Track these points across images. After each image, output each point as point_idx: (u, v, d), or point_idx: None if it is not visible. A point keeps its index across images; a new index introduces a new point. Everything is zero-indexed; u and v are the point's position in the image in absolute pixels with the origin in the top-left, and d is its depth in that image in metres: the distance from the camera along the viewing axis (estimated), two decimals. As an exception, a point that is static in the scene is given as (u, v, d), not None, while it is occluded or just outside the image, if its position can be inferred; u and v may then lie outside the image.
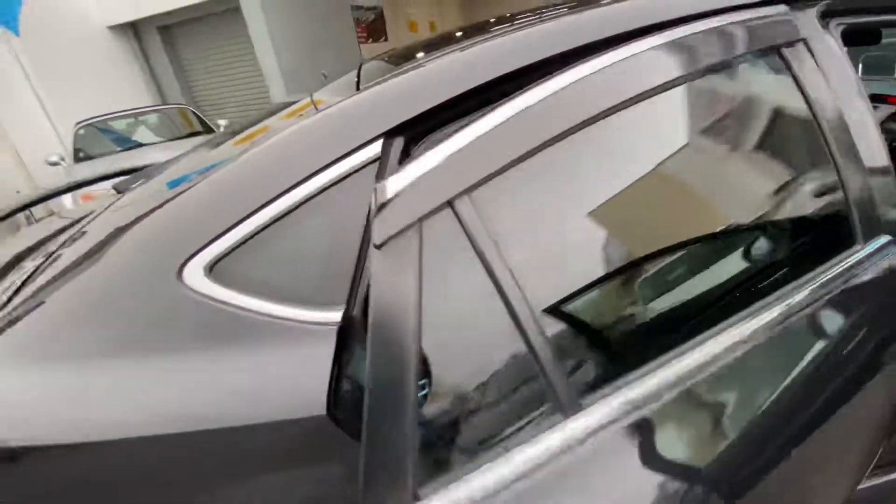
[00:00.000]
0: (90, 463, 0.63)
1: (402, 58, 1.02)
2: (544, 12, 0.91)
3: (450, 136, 0.64)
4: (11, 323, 0.68)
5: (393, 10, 9.70)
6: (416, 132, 0.69)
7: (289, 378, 0.63)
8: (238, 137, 0.95)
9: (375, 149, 0.65)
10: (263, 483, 0.64)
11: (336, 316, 0.64)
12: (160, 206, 0.70)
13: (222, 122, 5.27)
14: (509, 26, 0.81)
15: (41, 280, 0.77)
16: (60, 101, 5.98)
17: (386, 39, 9.86)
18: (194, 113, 5.45)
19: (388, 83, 0.70)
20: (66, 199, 3.37)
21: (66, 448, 0.62)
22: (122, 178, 1.41)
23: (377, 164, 0.65)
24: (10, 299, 0.80)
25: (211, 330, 0.64)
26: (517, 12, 1.15)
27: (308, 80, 6.62)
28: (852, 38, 0.99)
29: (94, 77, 6.55)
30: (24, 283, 0.84)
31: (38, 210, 4.47)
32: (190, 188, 0.69)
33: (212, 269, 0.64)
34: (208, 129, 5.17)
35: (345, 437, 0.62)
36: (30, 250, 1.05)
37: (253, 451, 0.63)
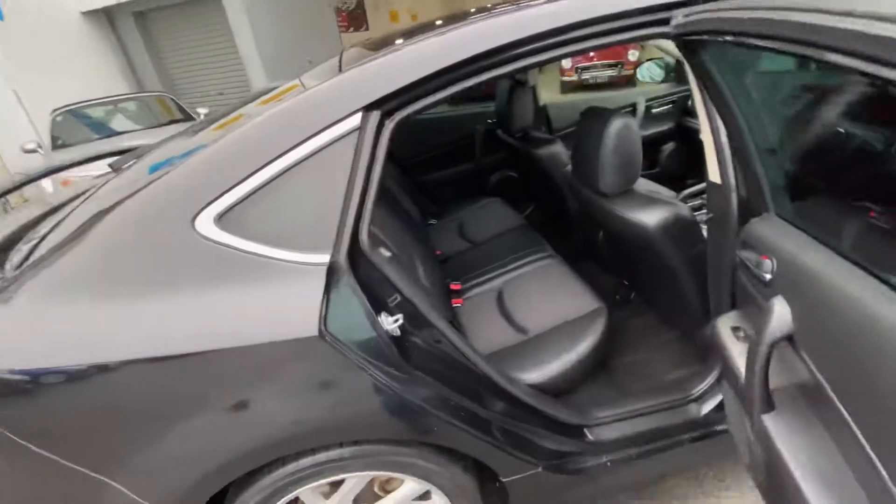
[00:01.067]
0: (119, 380, 0.76)
1: (379, 44, 1.16)
2: (499, 7, 1.06)
3: None
4: (45, 266, 0.80)
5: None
6: (390, 107, 0.83)
7: (284, 307, 0.78)
8: (231, 117, 1.08)
9: (356, 120, 0.79)
10: (261, 390, 0.79)
11: (323, 258, 0.79)
12: (172, 170, 0.82)
13: (203, 111, 5.25)
14: (470, 19, 0.95)
15: (65, 233, 0.88)
16: (34, 89, 5.86)
17: (367, 28, 9.82)
18: (174, 100, 5.42)
19: (366, 66, 0.84)
20: (48, 185, 3.40)
21: (99, 368, 0.75)
22: (111, 158, 1.48)
23: (357, 132, 0.79)
24: (32, 252, 0.92)
25: (220, 269, 0.77)
26: (481, 8, 1.29)
27: (290, 68, 6.62)
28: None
29: (69, 64, 6.41)
30: (47, 236, 0.95)
31: (11, 197, 4.44)
32: (199, 154, 0.82)
33: (220, 219, 0.77)
34: (188, 117, 5.16)
35: (332, 351, 0.77)
36: (45, 214, 1.16)
37: (255, 366, 0.78)
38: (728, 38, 0.70)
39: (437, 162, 2.51)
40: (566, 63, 8.40)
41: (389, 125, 0.84)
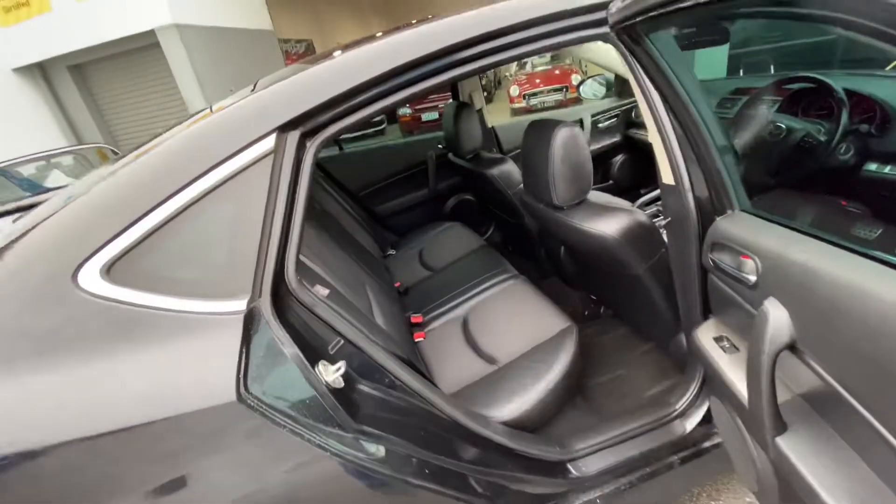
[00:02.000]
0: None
1: (319, 59, 1.07)
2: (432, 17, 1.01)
3: None
4: None
5: (321, 40, 9.81)
6: (311, 126, 0.74)
7: (194, 370, 0.64)
8: (137, 152, 0.95)
9: (269, 143, 0.69)
10: (175, 476, 0.64)
11: (239, 305, 0.66)
12: (48, 218, 0.69)
13: (146, 160, 5.00)
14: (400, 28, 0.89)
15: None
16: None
17: (317, 69, 9.85)
18: (113, 151, 5.15)
19: (279, 84, 0.75)
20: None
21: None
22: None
23: (273, 156, 0.69)
24: None
25: (114, 330, 0.63)
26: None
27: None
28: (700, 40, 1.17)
29: (1, 120, 6.07)
30: None
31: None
32: (80, 197, 0.69)
33: (109, 271, 0.64)
34: (131, 168, 4.90)
35: (256, 417, 0.64)
36: None
37: (166, 445, 0.63)
38: (665, 9, 0.65)
39: (391, 191, 2.44)
40: (514, 90, 8.73)
41: (312, 146, 0.74)
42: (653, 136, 0.93)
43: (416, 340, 1.42)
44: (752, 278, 0.68)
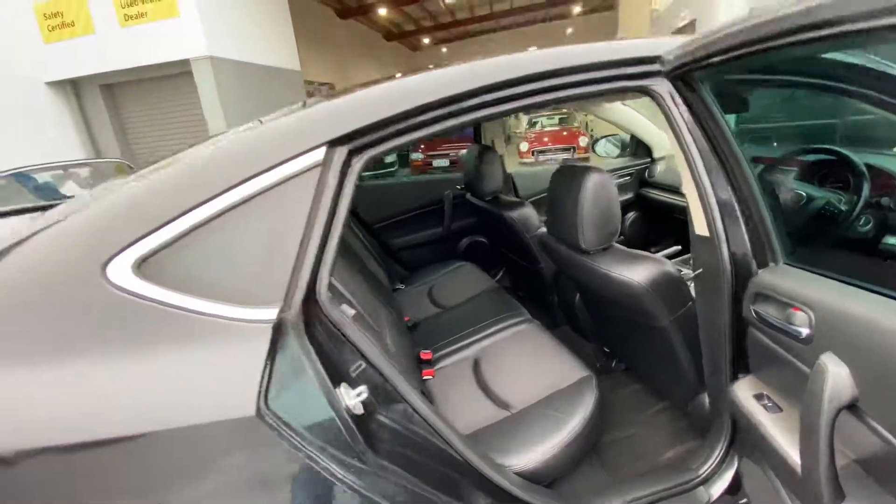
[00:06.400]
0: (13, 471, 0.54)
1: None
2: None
3: None
4: None
5: (342, 84, 10.30)
6: (359, 144, 0.75)
7: (214, 377, 0.61)
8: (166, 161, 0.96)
9: (318, 155, 0.70)
10: (182, 494, 0.58)
11: (269, 314, 0.64)
12: (81, 210, 0.68)
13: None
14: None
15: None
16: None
17: (337, 110, 10.27)
18: (130, 167, 5.25)
19: (335, 99, 0.76)
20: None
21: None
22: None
23: (318, 169, 0.69)
24: None
25: (136, 328, 0.61)
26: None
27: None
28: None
29: (27, 136, 6.24)
30: None
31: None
32: (122, 189, 0.69)
33: (141, 266, 0.62)
34: (145, 185, 4.97)
35: (274, 437, 0.59)
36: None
37: (173, 460, 0.58)
38: (720, 58, 0.68)
39: (405, 226, 2.45)
40: (524, 146, 9.08)
41: (357, 163, 0.75)
42: (686, 186, 0.94)
43: (425, 378, 1.37)
44: (805, 331, 0.66)
